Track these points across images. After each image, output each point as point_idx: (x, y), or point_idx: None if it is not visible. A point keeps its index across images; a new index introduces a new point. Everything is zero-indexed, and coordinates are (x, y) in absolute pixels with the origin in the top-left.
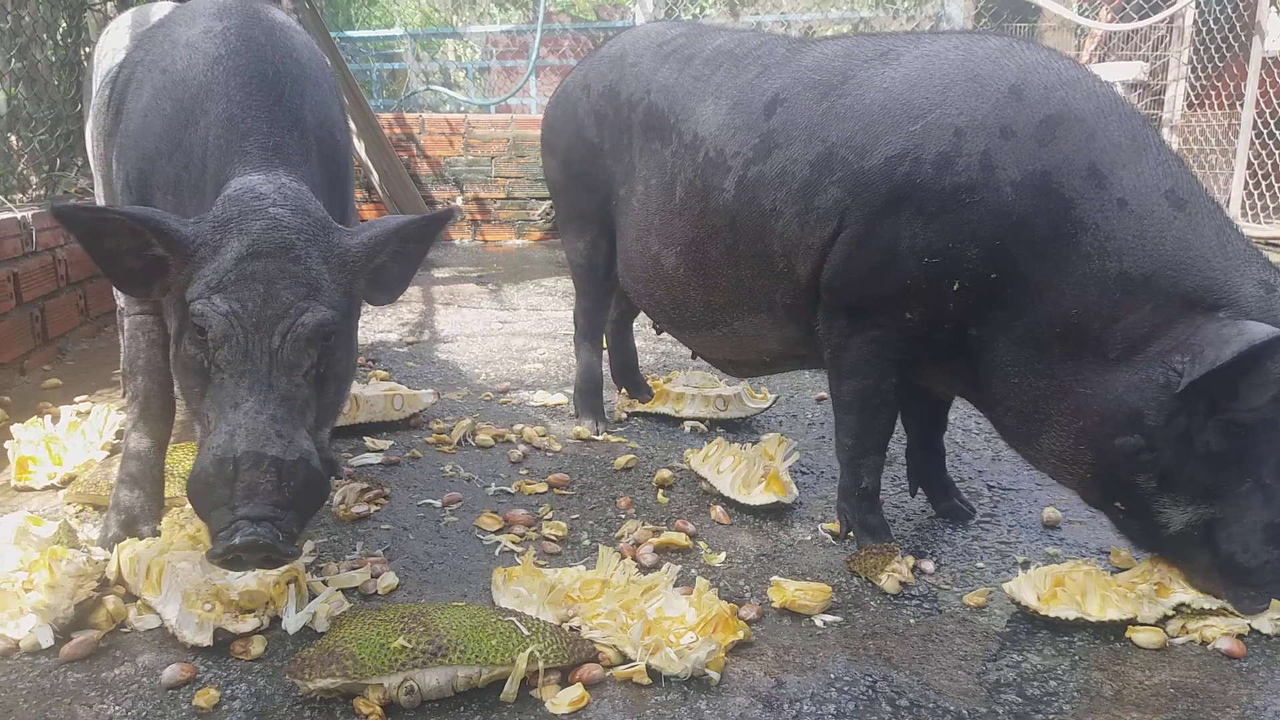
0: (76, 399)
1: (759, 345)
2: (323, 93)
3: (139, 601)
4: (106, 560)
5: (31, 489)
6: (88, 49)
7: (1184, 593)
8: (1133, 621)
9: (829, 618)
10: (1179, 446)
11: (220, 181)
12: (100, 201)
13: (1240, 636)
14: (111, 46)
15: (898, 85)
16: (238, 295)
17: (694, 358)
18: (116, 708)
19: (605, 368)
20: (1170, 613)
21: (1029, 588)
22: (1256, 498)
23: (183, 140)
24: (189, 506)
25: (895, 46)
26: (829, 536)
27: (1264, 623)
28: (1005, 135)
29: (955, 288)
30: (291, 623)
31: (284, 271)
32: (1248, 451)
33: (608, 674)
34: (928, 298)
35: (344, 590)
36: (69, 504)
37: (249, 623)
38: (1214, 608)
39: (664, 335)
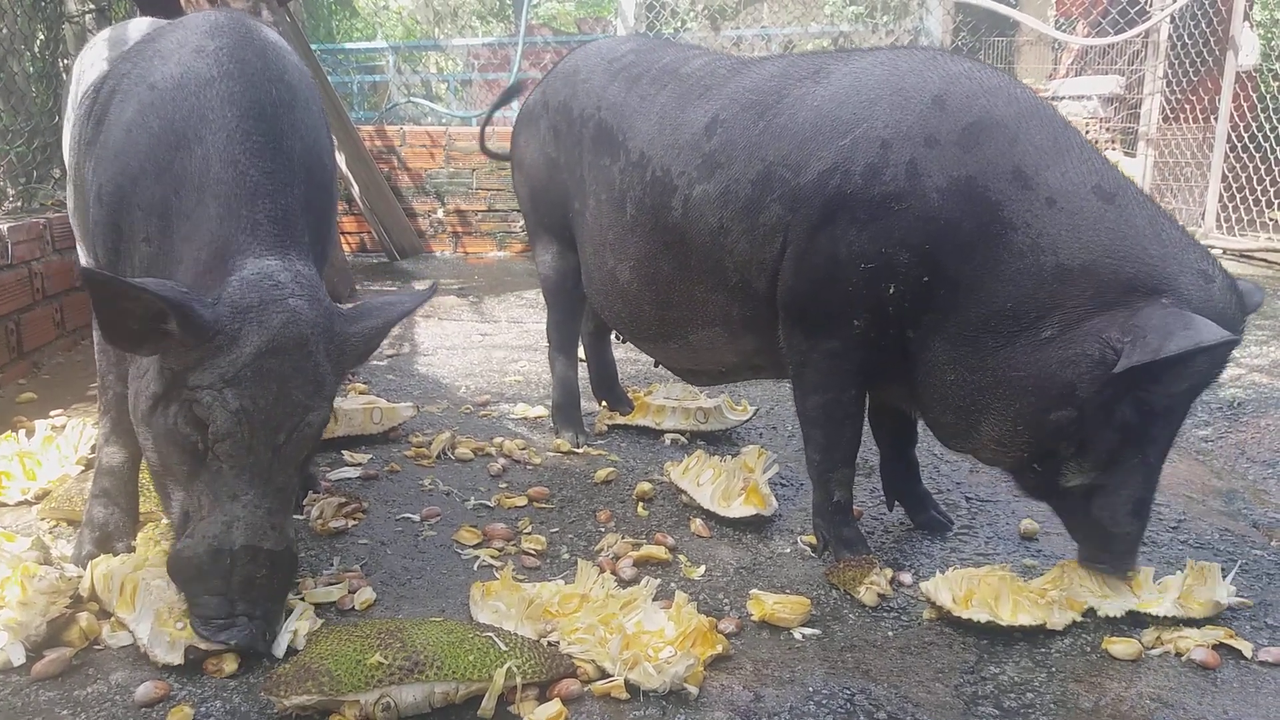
0: (52, 413)
1: (715, 357)
2: (312, 116)
3: (112, 619)
4: (79, 577)
5: (5, 504)
6: (66, 61)
7: (1095, 599)
8: (1042, 627)
9: (808, 630)
10: (1099, 416)
11: (224, 237)
12: (70, 210)
13: (1215, 648)
14: (91, 62)
15: (827, 103)
16: (250, 393)
17: (656, 365)
18: None
19: (584, 379)
20: (1080, 619)
21: (946, 589)
22: (1138, 474)
23: (173, 164)
24: (164, 521)
25: (826, 65)
26: (808, 549)
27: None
28: (930, 144)
29: (891, 291)
30: (276, 646)
31: (298, 370)
32: (1146, 431)
33: (586, 689)
34: (869, 304)
35: (320, 605)
36: (43, 520)
37: None
38: (1120, 614)
39: None
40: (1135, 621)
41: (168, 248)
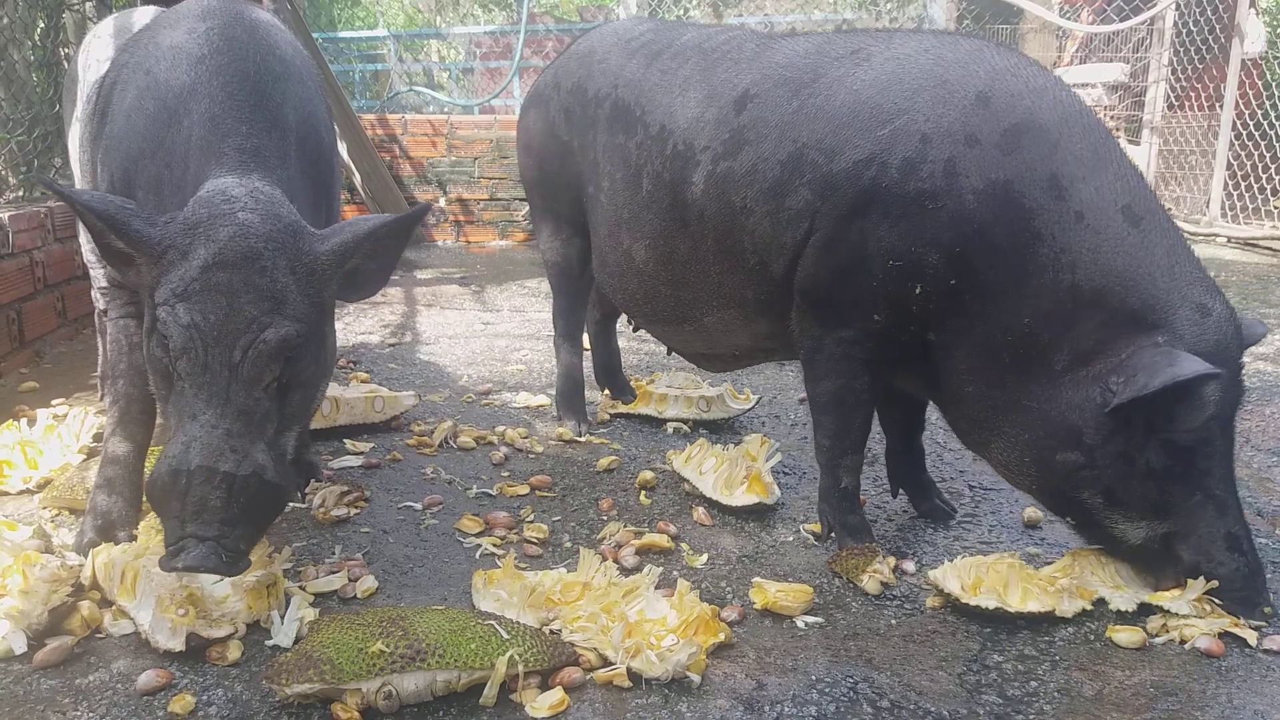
0: (53, 402)
1: (729, 340)
2: (307, 90)
3: (114, 607)
4: (81, 565)
5: (6, 493)
6: (66, 49)
7: (1106, 590)
8: (1051, 615)
9: (810, 619)
10: (1120, 465)
11: (200, 182)
12: None
13: (1219, 636)
14: (96, 56)
15: (867, 88)
16: (200, 307)
17: (669, 354)
18: (91, 714)
19: (589, 367)
20: (1089, 607)
21: (954, 576)
22: (1208, 509)
23: (165, 140)
24: None
25: (866, 45)
26: (811, 537)
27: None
28: (970, 143)
29: (917, 291)
30: (283, 636)
31: (248, 284)
32: (1191, 467)
33: (588, 677)
34: (893, 300)
35: (323, 594)
36: (44, 508)
37: (223, 628)
38: (1131, 608)
39: (646, 335)
40: (1143, 610)
41: None
